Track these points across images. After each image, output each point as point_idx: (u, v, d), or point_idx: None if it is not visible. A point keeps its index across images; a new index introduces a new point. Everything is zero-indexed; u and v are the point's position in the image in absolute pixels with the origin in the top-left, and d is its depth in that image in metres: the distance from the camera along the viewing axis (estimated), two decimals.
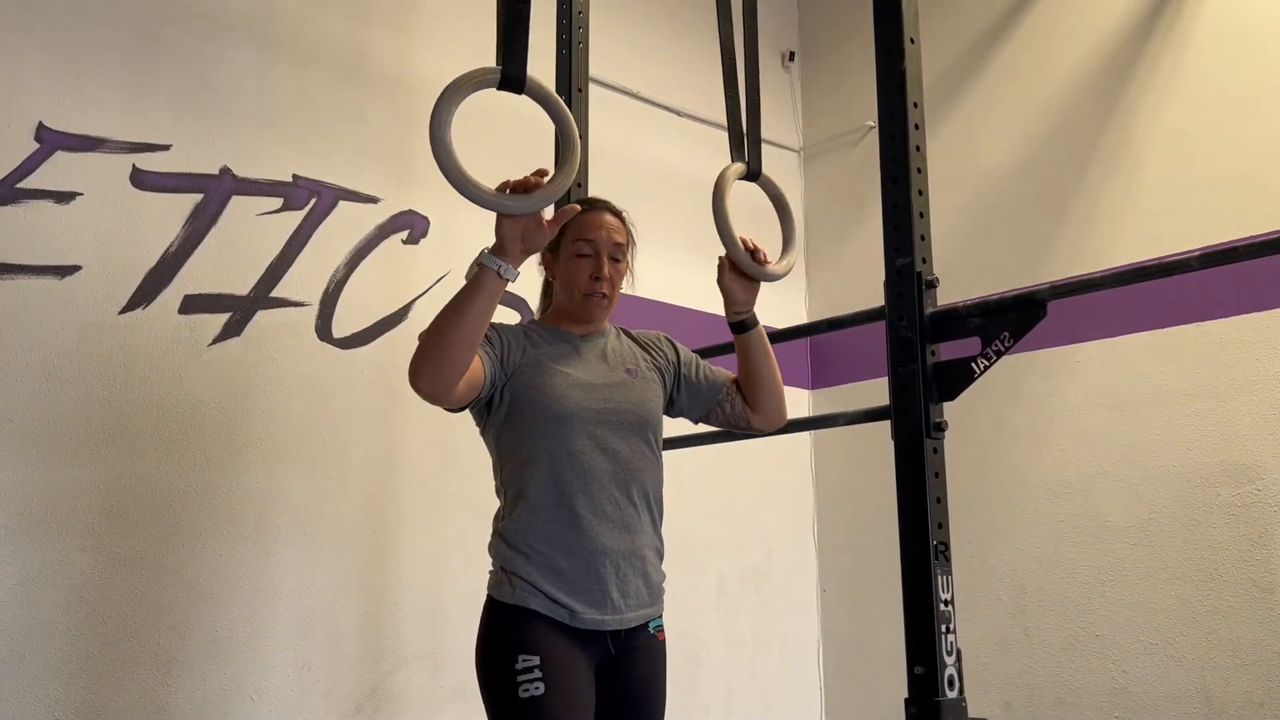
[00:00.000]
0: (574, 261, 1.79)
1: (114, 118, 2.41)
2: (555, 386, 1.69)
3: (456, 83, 1.57)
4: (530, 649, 1.58)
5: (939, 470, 1.69)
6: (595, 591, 1.64)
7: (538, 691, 1.55)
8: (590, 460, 1.68)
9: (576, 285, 1.78)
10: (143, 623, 2.27)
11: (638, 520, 1.71)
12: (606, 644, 1.66)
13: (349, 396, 2.67)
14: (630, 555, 1.68)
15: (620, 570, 1.67)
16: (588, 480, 1.67)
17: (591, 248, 1.78)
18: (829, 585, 3.74)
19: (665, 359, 1.89)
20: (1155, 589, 2.84)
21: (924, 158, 1.80)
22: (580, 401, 1.70)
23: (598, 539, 1.65)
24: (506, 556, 1.67)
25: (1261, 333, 2.74)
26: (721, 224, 1.90)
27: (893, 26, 1.83)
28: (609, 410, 1.72)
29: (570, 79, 2.42)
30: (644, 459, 1.75)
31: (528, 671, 1.56)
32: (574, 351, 1.77)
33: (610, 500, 1.68)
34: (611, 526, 1.67)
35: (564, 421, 1.68)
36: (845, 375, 3.76)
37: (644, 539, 1.72)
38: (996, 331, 1.69)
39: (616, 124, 3.39)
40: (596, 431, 1.69)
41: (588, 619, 1.63)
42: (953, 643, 1.61)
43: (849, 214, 3.86)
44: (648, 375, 1.83)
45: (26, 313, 2.23)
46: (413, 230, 2.86)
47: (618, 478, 1.70)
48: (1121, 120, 3.11)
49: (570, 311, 1.81)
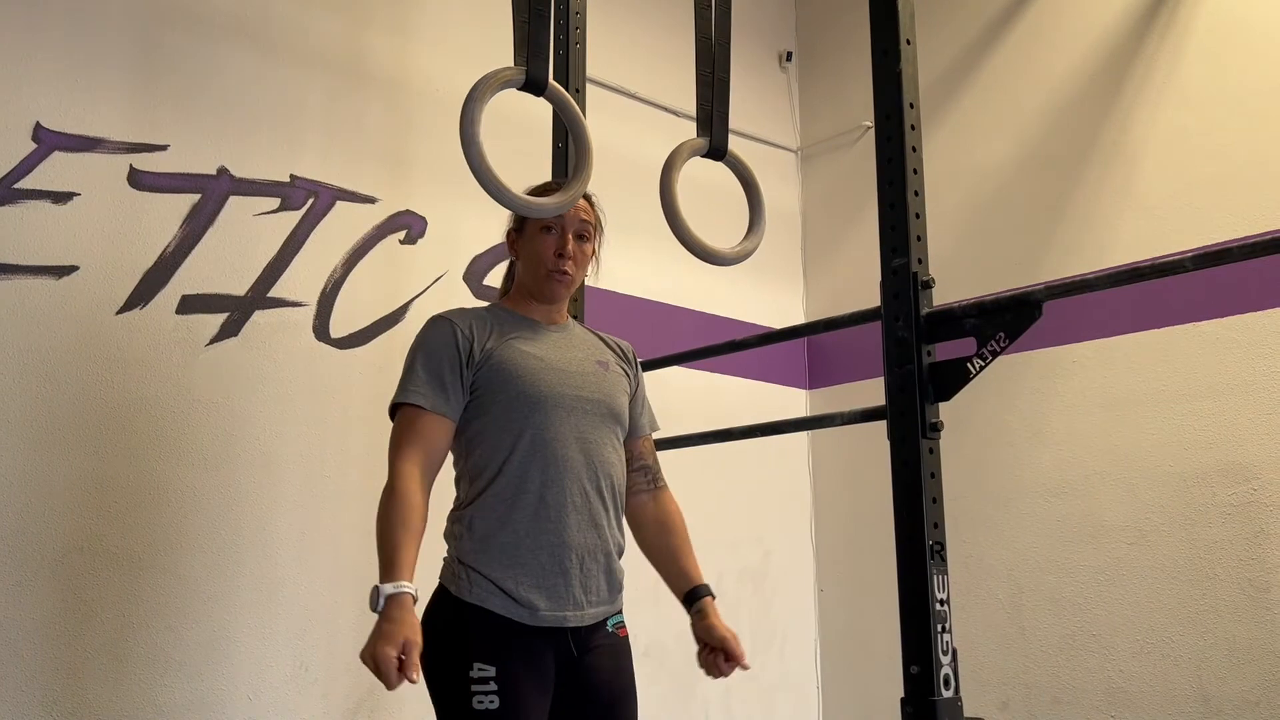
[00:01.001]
0: (539, 238, 1.75)
1: (111, 118, 2.41)
2: (528, 370, 1.67)
3: (484, 81, 1.57)
4: (486, 657, 1.54)
5: (935, 470, 1.69)
6: (559, 586, 1.61)
7: (492, 705, 1.51)
8: (564, 448, 1.65)
9: (540, 262, 1.75)
10: (140, 622, 2.27)
11: (605, 515, 1.69)
12: (567, 643, 1.62)
13: (346, 396, 2.67)
14: (595, 551, 1.66)
15: (585, 565, 1.64)
16: (560, 469, 1.64)
17: (557, 224, 1.75)
18: (826, 585, 3.74)
19: (629, 370, 1.87)
20: (1151, 588, 2.84)
21: (920, 158, 1.80)
22: (554, 385, 1.67)
23: (565, 531, 1.62)
24: (465, 548, 1.63)
25: (1257, 333, 2.75)
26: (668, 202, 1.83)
27: (889, 27, 1.83)
28: (583, 398, 1.70)
29: (568, 79, 2.42)
30: (614, 452, 1.73)
31: (483, 682, 1.52)
32: (541, 335, 1.75)
33: (581, 493, 1.65)
34: (580, 520, 1.64)
35: (539, 406, 1.65)
36: (842, 375, 3.76)
37: (609, 535, 1.69)
38: (992, 332, 1.69)
39: (613, 124, 3.40)
40: (570, 419, 1.67)
41: (549, 615, 1.60)
42: (949, 642, 1.61)
43: (846, 214, 3.87)
44: (617, 371, 1.81)
45: (24, 313, 2.23)
46: (410, 230, 2.86)
47: (589, 469, 1.67)
48: (1118, 121, 3.12)
49: (533, 291, 1.78)
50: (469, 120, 1.51)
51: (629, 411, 1.83)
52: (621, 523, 1.76)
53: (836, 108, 3.97)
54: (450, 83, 3.01)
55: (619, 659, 1.71)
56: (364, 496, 2.67)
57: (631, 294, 3.32)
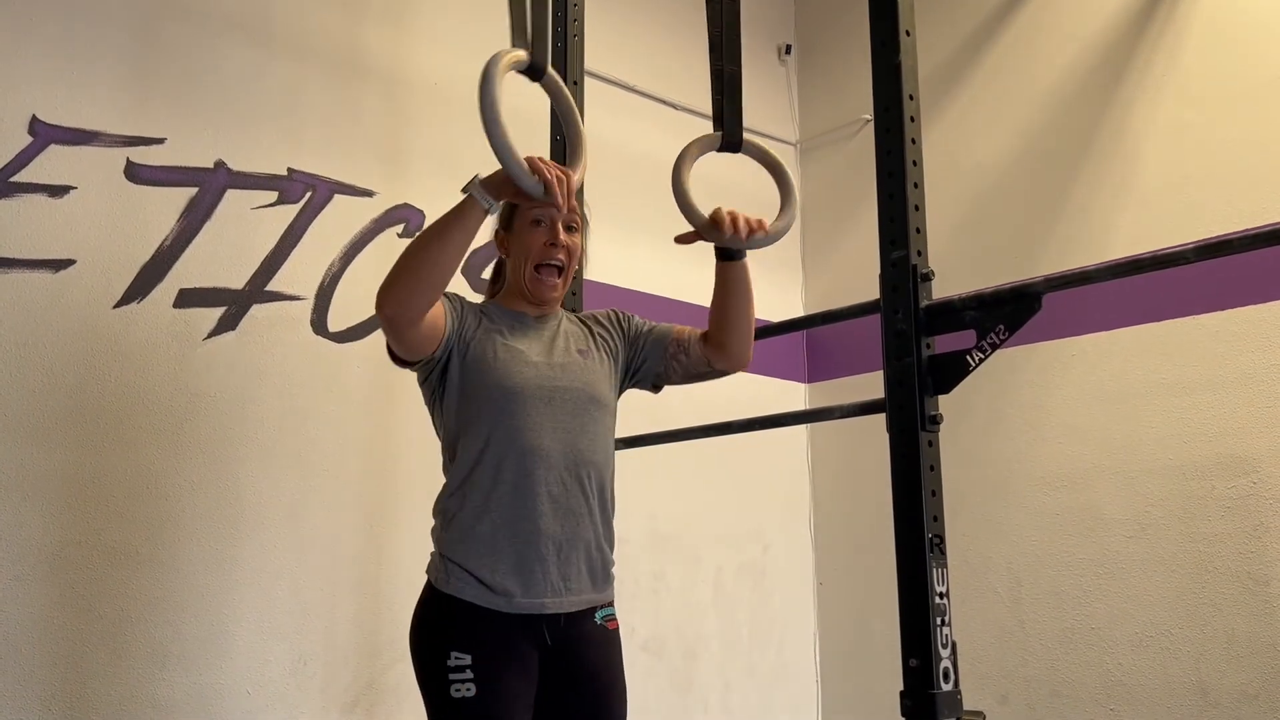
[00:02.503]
0: (529, 231, 1.76)
1: (108, 111, 2.40)
2: (506, 362, 1.68)
3: (494, 62, 1.57)
4: (462, 646, 1.56)
5: (934, 463, 1.69)
6: (535, 573, 1.61)
7: (469, 693, 1.54)
8: (539, 439, 1.65)
9: (531, 255, 1.76)
10: (138, 616, 2.27)
11: (584, 506, 1.68)
12: (543, 633, 1.62)
13: (345, 390, 2.67)
14: (574, 540, 1.66)
15: (563, 553, 1.64)
16: (536, 459, 1.64)
17: (546, 216, 1.76)
18: (825, 579, 3.74)
19: (616, 341, 1.88)
20: (1151, 581, 2.84)
21: (920, 151, 1.80)
22: (531, 378, 1.68)
23: (540, 519, 1.63)
24: (444, 540, 1.66)
25: (1257, 326, 2.75)
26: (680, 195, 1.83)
27: (889, 19, 1.83)
28: (560, 389, 1.70)
29: (566, 72, 2.42)
30: (594, 441, 1.72)
31: (459, 670, 1.55)
32: (527, 330, 1.76)
33: (559, 482, 1.66)
34: (557, 509, 1.65)
35: (514, 397, 1.66)
36: (841, 368, 3.76)
37: (589, 524, 1.69)
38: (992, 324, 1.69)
39: (611, 117, 3.39)
40: (547, 410, 1.67)
41: (526, 603, 1.60)
42: (948, 635, 1.61)
43: (845, 207, 3.86)
44: (599, 356, 1.82)
45: (21, 307, 2.23)
46: (408, 224, 2.86)
47: (567, 459, 1.67)
48: (1117, 113, 3.11)
49: (523, 290, 1.79)
50: (490, 103, 1.51)
51: (644, 344, 1.88)
52: (608, 513, 1.75)
53: (835, 101, 3.96)
54: (448, 76, 3.00)
55: (608, 651, 1.71)
56: (362, 490, 2.67)
57: (630, 287, 3.32)
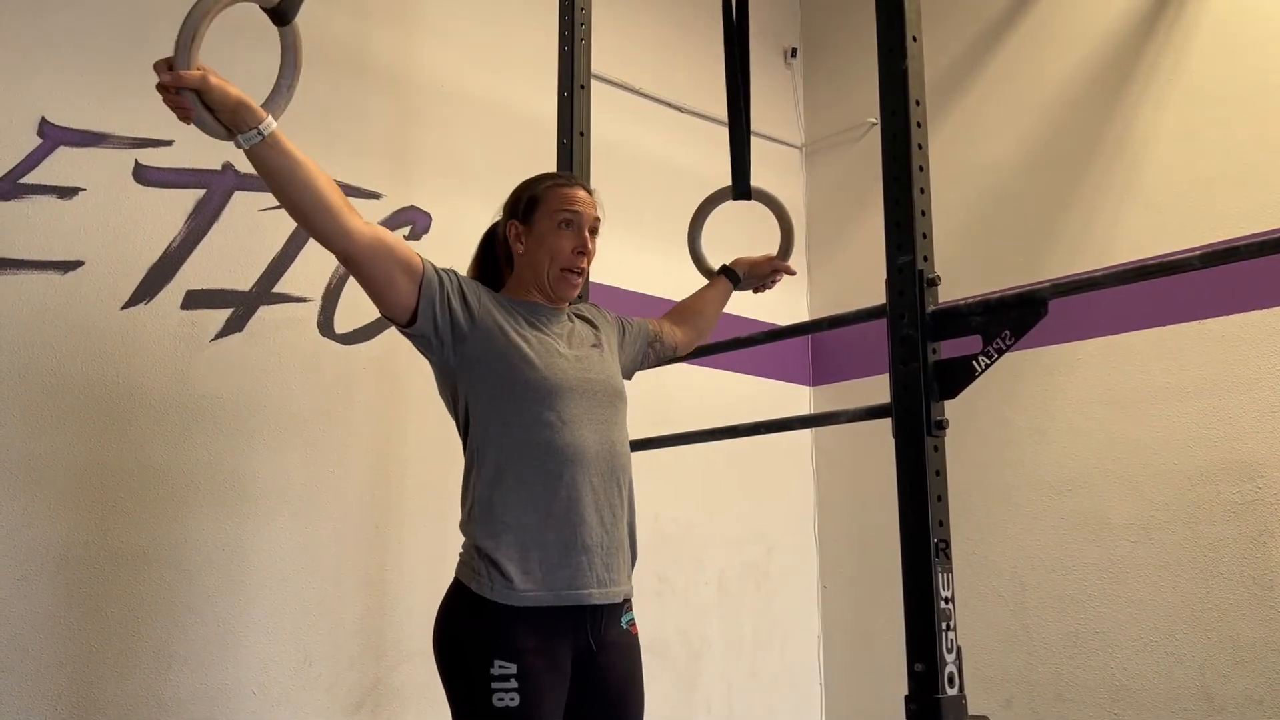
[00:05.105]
0: (557, 233, 1.74)
1: (117, 113, 2.41)
2: (541, 353, 1.67)
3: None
4: (506, 654, 1.54)
5: (940, 468, 1.68)
6: (581, 563, 1.61)
7: (513, 703, 1.51)
8: (581, 432, 1.65)
9: (558, 258, 1.74)
10: (144, 617, 2.28)
11: (619, 498, 1.70)
12: (583, 628, 1.62)
13: (351, 392, 2.67)
14: (613, 531, 1.67)
15: (605, 545, 1.65)
16: (581, 452, 1.64)
17: (576, 218, 1.75)
18: (830, 582, 3.74)
19: (612, 335, 1.89)
20: (1156, 586, 2.84)
21: (926, 155, 1.79)
22: (568, 370, 1.68)
23: (585, 510, 1.63)
24: (478, 531, 1.61)
25: (1262, 331, 2.74)
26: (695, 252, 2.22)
27: (895, 24, 1.82)
28: (591, 381, 1.70)
29: (572, 75, 2.42)
30: (623, 433, 1.74)
31: (503, 680, 1.52)
32: (549, 322, 1.75)
33: (600, 474, 1.66)
34: (598, 502, 1.65)
35: (556, 389, 1.65)
36: (846, 373, 3.76)
37: (624, 517, 1.71)
38: (998, 329, 1.69)
39: (618, 120, 3.39)
40: (583, 402, 1.67)
41: (570, 594, 1.59)
42: (953, 640, 1.61)
43: (850, 211, 3.86)
44: (607, 348, 1.83)
45: (29, 308, 2.23)
46: (414, 226, 2.86)
47: (603, 452, 1.67)
48: (1123, 118, 3.11)
49: (542, 287, 1.77)
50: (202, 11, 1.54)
51: (630, 339, 1.95)
52: (633, 504, 1.76)
53: (841, 104, 3.96)
54: (455, 78, 3.00)
55: (631, 660, 1.72)
56: (369, 491, 2.68)
57: (635, 289, 3.32)
